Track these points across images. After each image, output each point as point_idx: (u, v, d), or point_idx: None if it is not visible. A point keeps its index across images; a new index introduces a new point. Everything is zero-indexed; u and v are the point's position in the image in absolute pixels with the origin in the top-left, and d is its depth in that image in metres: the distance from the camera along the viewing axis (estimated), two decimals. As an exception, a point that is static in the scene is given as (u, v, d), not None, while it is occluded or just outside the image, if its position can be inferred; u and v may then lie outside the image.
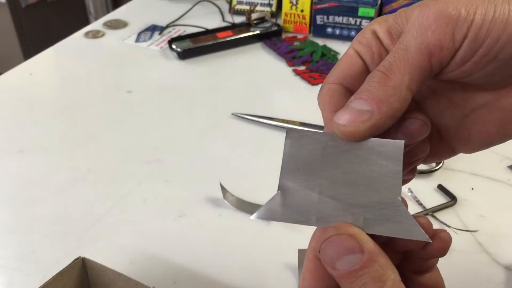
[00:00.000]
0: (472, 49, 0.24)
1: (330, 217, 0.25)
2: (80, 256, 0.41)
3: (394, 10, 0.90)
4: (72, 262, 0.41)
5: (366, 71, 0.29)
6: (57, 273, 0.40)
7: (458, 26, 0.24)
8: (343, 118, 0.25)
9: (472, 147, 0.29)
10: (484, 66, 0.25)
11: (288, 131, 0.26)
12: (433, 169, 0.58)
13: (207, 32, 0.91)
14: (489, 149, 0.29)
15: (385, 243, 0.26)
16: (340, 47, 0.89)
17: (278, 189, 0.26)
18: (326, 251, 0.24)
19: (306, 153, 0.26)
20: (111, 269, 0.40)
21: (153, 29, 0.96)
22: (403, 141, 0.25)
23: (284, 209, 0.26)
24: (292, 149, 0.26)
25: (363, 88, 0.26)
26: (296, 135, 0.26)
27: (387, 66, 0.25)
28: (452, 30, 0.24)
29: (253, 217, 0.25)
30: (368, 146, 0.25)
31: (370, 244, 0.23)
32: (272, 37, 0.92)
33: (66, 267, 0.40)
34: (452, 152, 0.30)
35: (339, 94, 0.28)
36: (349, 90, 0.28)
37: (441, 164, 0.58)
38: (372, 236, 0.24)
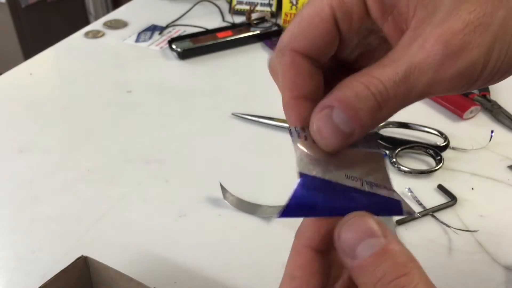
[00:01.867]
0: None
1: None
2: (82, 255, 0.41)
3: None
4: (74, 261, 0.41)
5: (336, 42, 0.25)
6: (59, 272, 0.40)
7: (472, 84, 0.23)
8: (323, 136, 0.23)
9: None
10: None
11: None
12: (433, 169, 0.58)
13: (207, 32, 0.91)
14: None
15: None
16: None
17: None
18: (347, 235, 0.22)
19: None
20: (113, 268, 0.40)
21: (153, 29, 0.96)
22: (383, 153, 0.25)
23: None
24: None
25: (351, 102, 0.23)
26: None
27: (384, 96, 0.22)
28: (464, 85, 0.23)
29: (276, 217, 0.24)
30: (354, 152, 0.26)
31: (388, 230, 0.22)
32: (272, 37, 0.92)
33: (69, 265, 0.40)
34: None
35: (305, 71, 0.25)
36: (312, 61, 0.25)
37: (441, 164, 0.58)
38: None
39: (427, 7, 0.22)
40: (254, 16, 0.94)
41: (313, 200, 0.23)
